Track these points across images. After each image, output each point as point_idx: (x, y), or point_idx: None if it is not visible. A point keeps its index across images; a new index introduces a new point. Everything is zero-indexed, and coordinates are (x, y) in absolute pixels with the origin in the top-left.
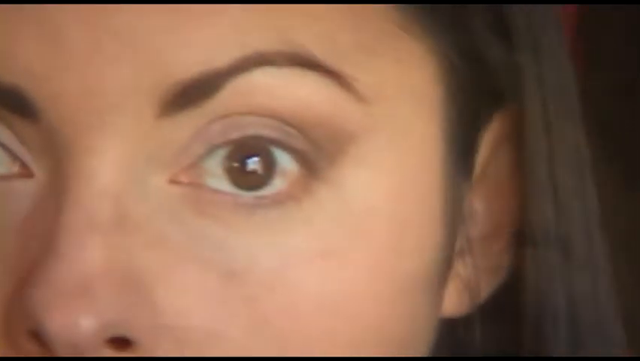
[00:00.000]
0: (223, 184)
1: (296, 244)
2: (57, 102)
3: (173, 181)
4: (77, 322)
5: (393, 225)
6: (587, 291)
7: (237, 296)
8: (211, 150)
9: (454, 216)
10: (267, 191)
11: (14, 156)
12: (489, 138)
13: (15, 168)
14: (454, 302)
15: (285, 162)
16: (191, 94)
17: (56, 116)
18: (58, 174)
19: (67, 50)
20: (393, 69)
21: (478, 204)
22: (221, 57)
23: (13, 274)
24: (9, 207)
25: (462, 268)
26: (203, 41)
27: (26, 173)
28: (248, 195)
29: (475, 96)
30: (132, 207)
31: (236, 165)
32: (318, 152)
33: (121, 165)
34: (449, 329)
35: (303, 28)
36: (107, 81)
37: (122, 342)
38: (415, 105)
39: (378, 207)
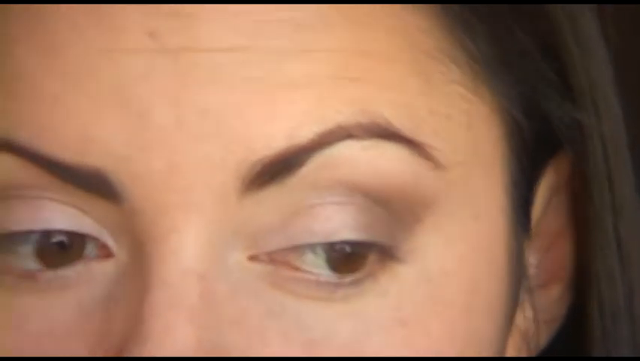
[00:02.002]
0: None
1: (373, 314)
2: (141, 182)
3: (253, 258)
4: None
5: (465, 288)
6: None
7: None
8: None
9: (517, 271)
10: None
11: (93, 238)
12: (543, 189)
13: (94, 250)
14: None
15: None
16: (274, 170)
17: (139, 197)
18: (139, 253)
19: (151, 129)
20: (464, 134)
21: (532, 255)
22: (304, 132)
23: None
24: (89, 289)
25: (521, 321)
26: (287, 116)
27: (106, 253)
28: (330, 274)
29: (535, 151)
30: (215, 284)
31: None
32: (397, 230)
33: (204, 243)
34: None
35: (381, 97)
36: (193, 159)
37: None
38: (484, 169)
39: (451, 273)
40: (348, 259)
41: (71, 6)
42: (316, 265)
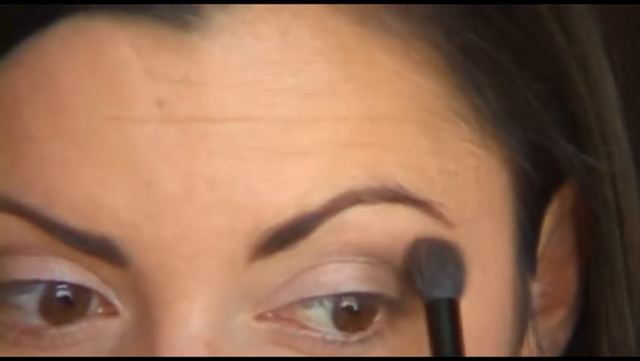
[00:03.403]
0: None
1: None
2: (148, 250)
3: (260, 317)
4: None
5: (470, 340)
6: None
7: None
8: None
9: (523, 313)
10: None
11: (97, 294)
12: (548, 223)
13: (99, 307)
14: None
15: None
16: (284, 238)
17: (147, 263)
18: (146, 316)
19: (159, 199)
20: (473, 189)
21: (536, 285)
22: (314, 199)
23: None
24: (94, 346)
25: (525, 352)
26: (296, 184)
27: (111, 311)
28: (336, 333)
29: (541, 192)
30: (221, 346)
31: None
32: (404, 286)
33: (211, 308)
34: None
35: (391, 160)
36: (202, 228)
37: None
38: (491, 221)
39: None
40: (356, 317)
41: (78, 68)
42: (322, 324)
